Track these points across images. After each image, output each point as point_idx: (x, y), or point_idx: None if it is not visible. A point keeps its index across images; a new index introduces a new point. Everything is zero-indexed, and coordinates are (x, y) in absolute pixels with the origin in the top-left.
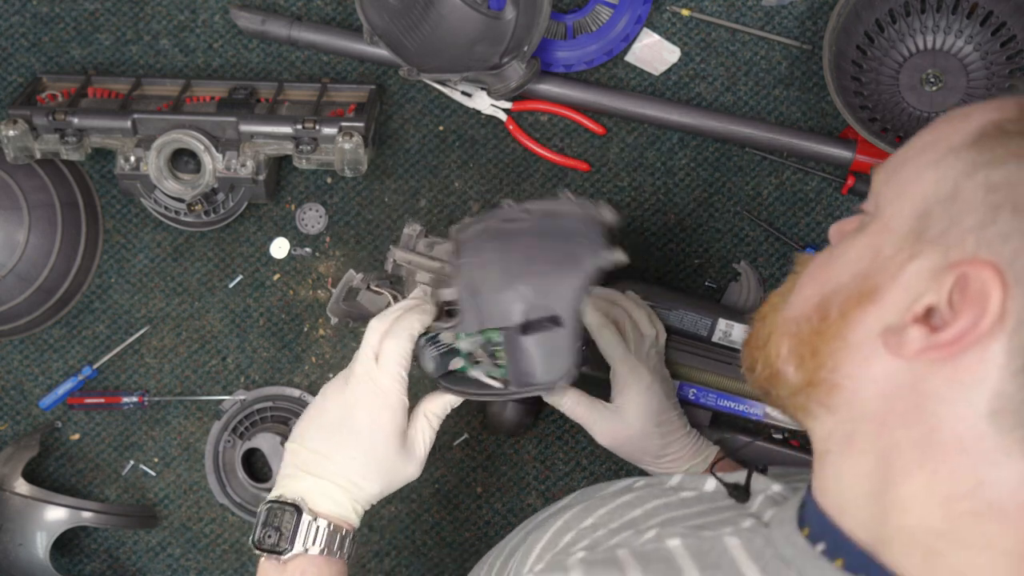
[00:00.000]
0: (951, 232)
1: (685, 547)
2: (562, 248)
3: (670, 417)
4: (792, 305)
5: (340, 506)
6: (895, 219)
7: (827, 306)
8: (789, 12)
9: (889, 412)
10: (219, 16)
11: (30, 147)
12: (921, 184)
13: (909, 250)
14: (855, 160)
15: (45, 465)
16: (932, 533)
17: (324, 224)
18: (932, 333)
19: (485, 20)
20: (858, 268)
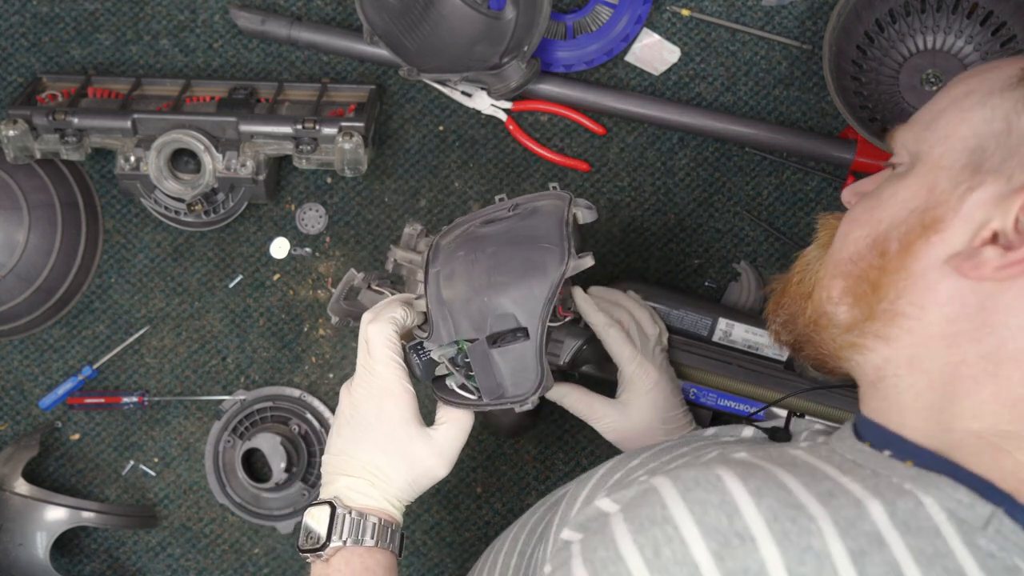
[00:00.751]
0: (1010, 161)
1: (752, 456)
2: (528, 256)
3: (676, 415)
4: (840, 248)
5: (371, 498)
6: (946, 157)
7: (885, 242)
8: (789, 12)
9: (956, 332)
10: (219, 16)
11: (30, 147)
12: (969, 124)
13: (968, 182)
14: (855, 160)
15: (45, 465)
16: (1001, 434)
17: (324, 224)
18: (1007, 252)
19: (485, 20)
20: (915, 204)
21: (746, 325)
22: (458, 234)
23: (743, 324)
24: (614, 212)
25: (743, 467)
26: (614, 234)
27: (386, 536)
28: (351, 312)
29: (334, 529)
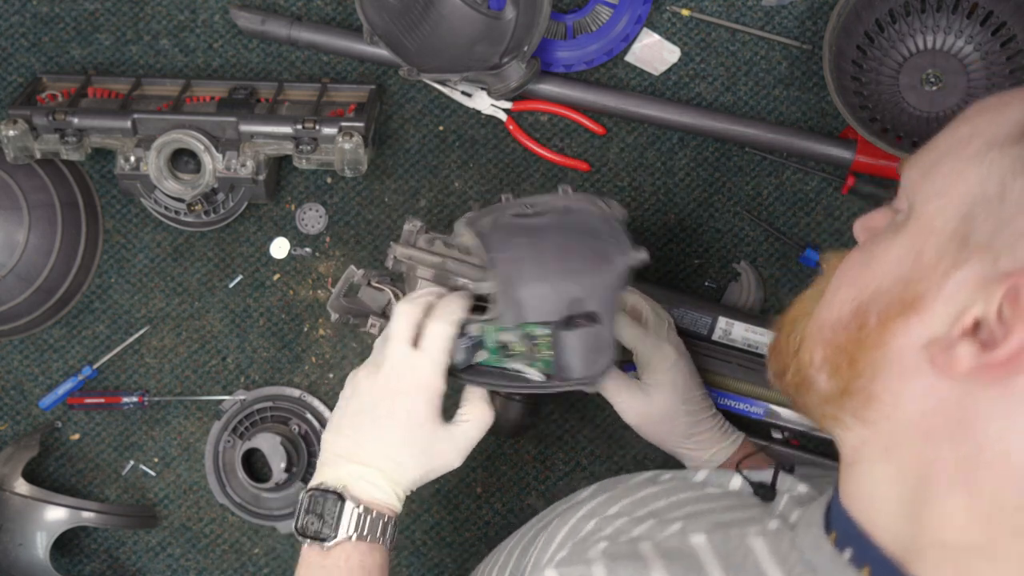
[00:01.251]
0: (1000, 237)
1: (710, 545)
2: (592, 246)
3: (696, 396)
4: (826, 309)
5: (382, 491)
6: (937, 219)
7: (865, 312)
8: (789, 12)
9: (932, 428)
10: (219, 16)
11: (30, 147)
12: (963, 182)
13: (953, 256)
14: (855, 160)
15: (45, 465)
16: (969, 548)
17: (324, 224)
18: (983, 351)
19: (485, 20)
20: (899, 272)
21: (746, 324)
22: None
23: (743, 323)
24: None
25: (686, 563)
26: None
27: (386, 532)
28: (351, 309)
29: (342, 524)
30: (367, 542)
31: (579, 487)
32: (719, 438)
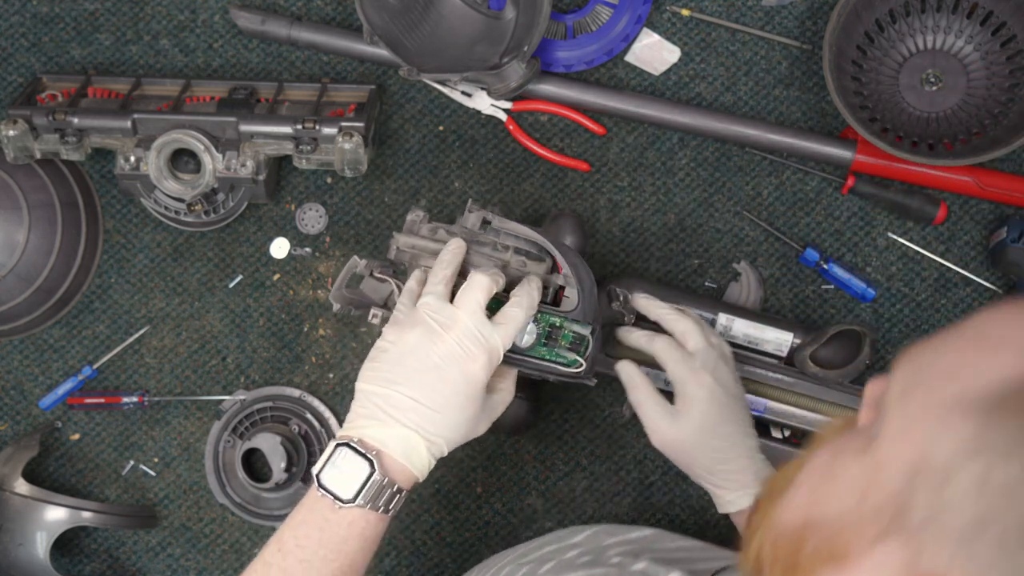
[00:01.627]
0: (929, 528)
1: None
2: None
3: (731, 432)
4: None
5: (419, 459)
6: (887, 467)
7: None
8: (789, 12)
9: None
10: (219, 16)
11: (30, 147)
12: (921, 433)
13: (886, 524)
14: (855, 160)
15: (45, 465)
16: None
17: (324, 224)
18: None
19: (485, 20)
20: (845, 505)
21: (746, 320)
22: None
23: (744, 319)
24: (614, 212)
25: None
26: (614, 234)
27: (398, 506)
28: (353, 300)
29: (362, 492)
30: (377, 513)
31: (579, 487)
32: (748, 481)
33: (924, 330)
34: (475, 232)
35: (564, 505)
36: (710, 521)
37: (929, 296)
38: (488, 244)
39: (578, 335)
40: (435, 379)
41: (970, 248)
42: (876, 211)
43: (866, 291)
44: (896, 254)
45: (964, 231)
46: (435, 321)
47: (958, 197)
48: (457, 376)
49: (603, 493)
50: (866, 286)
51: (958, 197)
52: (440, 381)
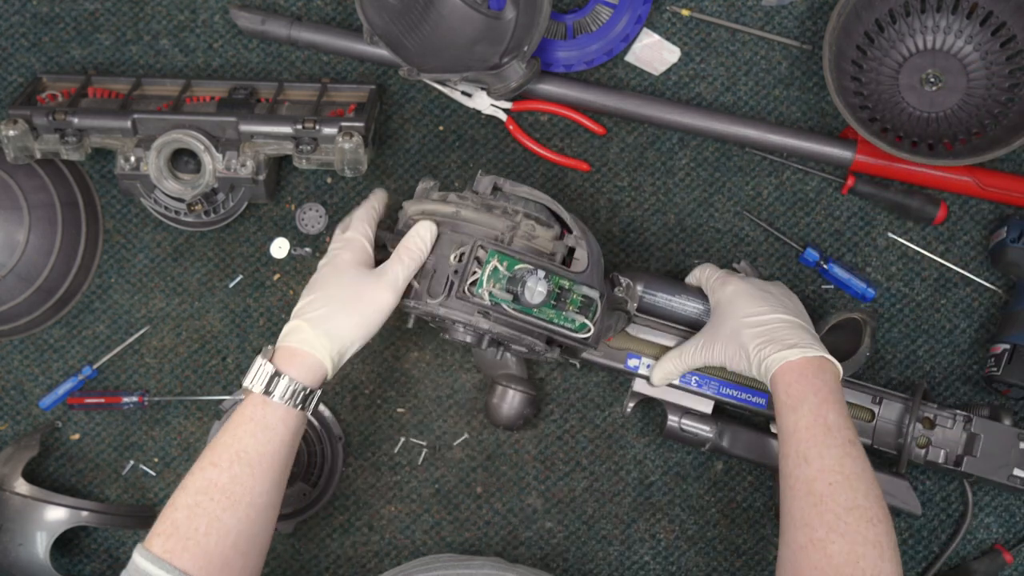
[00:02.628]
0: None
1: None
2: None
3: (769, 308)
4: None
5: (306, 342)
6: None
7: None
8: (789, 12)
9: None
10: (219, 16)
11: (30, 147)
12: None
13: None
14: (855, 160)
15: (45, 465)
16: None
17: (324, 224)
18: None
19: (485, 20)
20: None
21: None
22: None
23: None
24: (614, 212)
25: None
26: (614, 234)
27: (296, 397)
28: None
29: (248, 374)
30: (272, 399)
31: (579, 487)
32: (796, 342)
33: (924, 330)
34: (486, 197)
35: (564, 505)
36: (710, 521)
37: (929, 296)
38: (499, 208)
39: (587, 298)
40: (316, 279)
41: (970, 248)
42: (876, 211)
43: (866, 291)
44: (896, 254)
45: (964, 231)
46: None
47: (958, 197)
48: (325, 268)
49: (603, 493)
50: (866, 286)
51: (958, 197)
52: (318, 276)
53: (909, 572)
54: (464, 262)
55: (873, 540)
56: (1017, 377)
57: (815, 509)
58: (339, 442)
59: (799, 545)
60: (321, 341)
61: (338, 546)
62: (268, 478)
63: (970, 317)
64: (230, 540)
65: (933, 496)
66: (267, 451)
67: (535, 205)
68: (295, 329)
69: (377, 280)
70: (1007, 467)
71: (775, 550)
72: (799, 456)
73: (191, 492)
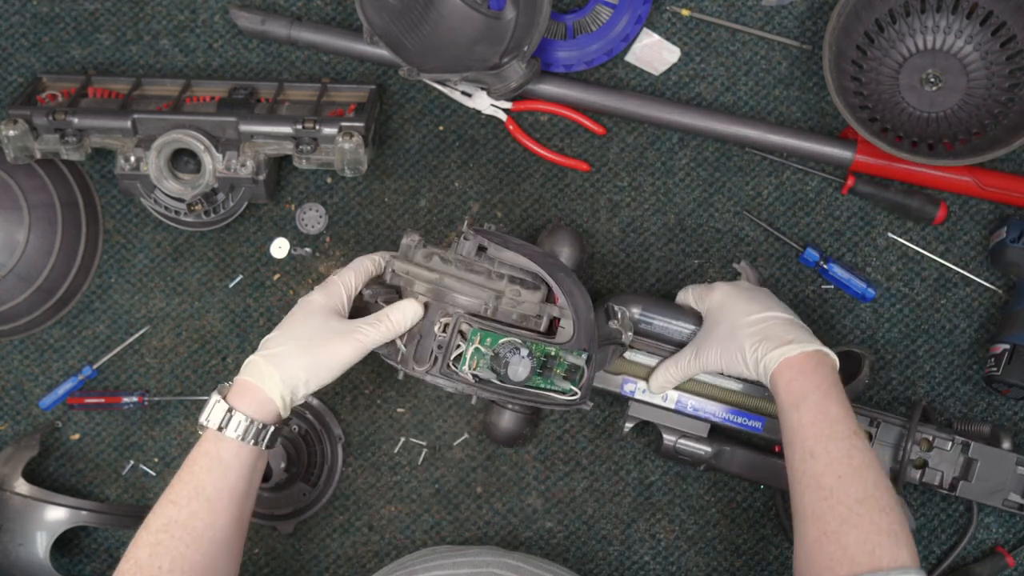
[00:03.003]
0: None
1: None
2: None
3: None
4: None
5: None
6: None
7: None
8: (789, 12)
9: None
10: (219, 16)
11: (30, 147)
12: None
13: None
14: (855, 160)
15: (45, 465)
16: None
17: (324, 224)
18: None
19: (485, 20)
20: None
21: None
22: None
23: None
24: (614, 212)
25: None
26: (614, 234)
27: (248, 433)
28: None
29: (205, 412)
30: (223, 435)
31: (579, 487)
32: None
33: (924, 330)
34: (470, 260)
35: (564, 505)
36: (710, 521)
37: (929, 296)
38: (483, 273)
39: (573, 365)
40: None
41: (970, 248)
42: (876, 211)
43: (866, 291)
44: (896, 254)
45: (964, 231)
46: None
47: (958, 197)
48: (297, 308)
49: (603, 493)
50: (866, 286)
51: (958, 197)
52: (289, 316)
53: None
54: (448, 335)
55: (887, 529)
56: (1017, 377)
57: (826, 503)
58: (339, 442)
59: (813, 539)
60: (273, 379)
61: (338, 546)
62: (228, 513)
63: (970, 317)
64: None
65: (933, 496)
66: (224, 486)
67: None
68: (251, 363)
69: (345, 333)
70: (1003, 492)
71: (775, 550)
72: (805, 452)
73: (152, 530)
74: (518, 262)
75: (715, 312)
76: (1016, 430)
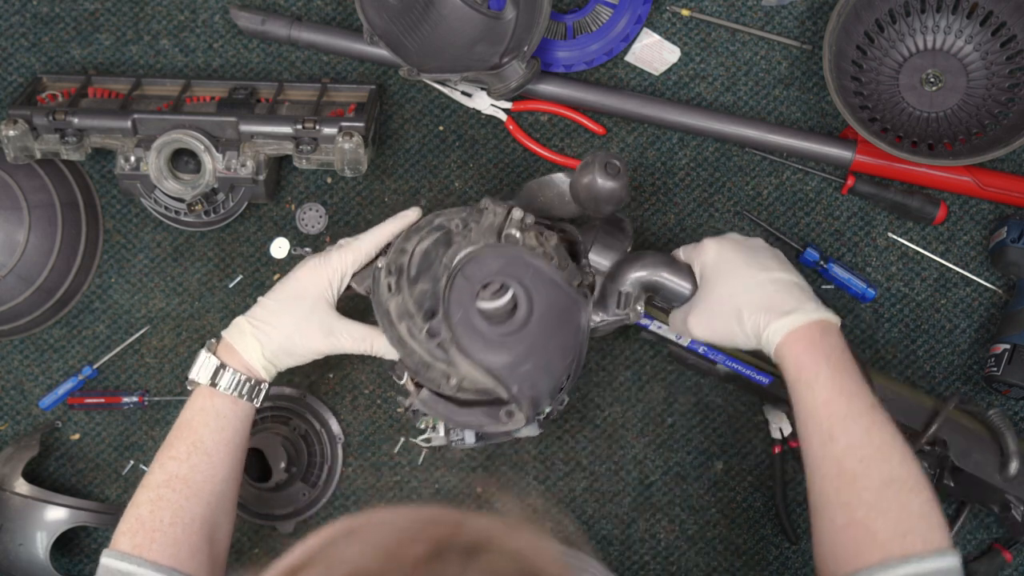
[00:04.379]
0: None
1: None
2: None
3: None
4: None
5: (245, 345)
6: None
7: None
8: (789, 12)
9: None
10: (219, 16)
11: (30, 147)
12: None
13: None
14: (855, 160)
15: (45, 465)
16: None
17: (324, 224)
18: None
19: (485, 20)
20: None
21: None
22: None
23: None
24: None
25: None
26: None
27: (241, 387)
28: None
29: (195, 369)
30: (216, 390)
31: (579, 487)
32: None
33: (924, 330)
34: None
35: (564, 505)
36: (710, 521)
37: (929, 296)
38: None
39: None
40: (278, 286)
41: (970, 248)
42: (876, 211)
43: (866, 291)
44: (896, 254)
45: (964, 231)
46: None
47: (958, 197)
48: (290, 282)
49: (603, 493)
50: (866, 286)
51: (958, 197)
52: (281, 286)
53: None
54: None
55: (918, 511)
56: (1017, 377)
57: (851, 488)
58: (339, 442)
59: (838, 526)
60: (256, 351)
61: None
62: (226, 464)
63: (970, 317)
64: (195, 527)
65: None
66: (222, 439)
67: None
68: (237, 326)
69: (326, 330)
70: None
71: (775, 550)
72: (824, 434)
73: (152, 487)
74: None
75: (708, 274)
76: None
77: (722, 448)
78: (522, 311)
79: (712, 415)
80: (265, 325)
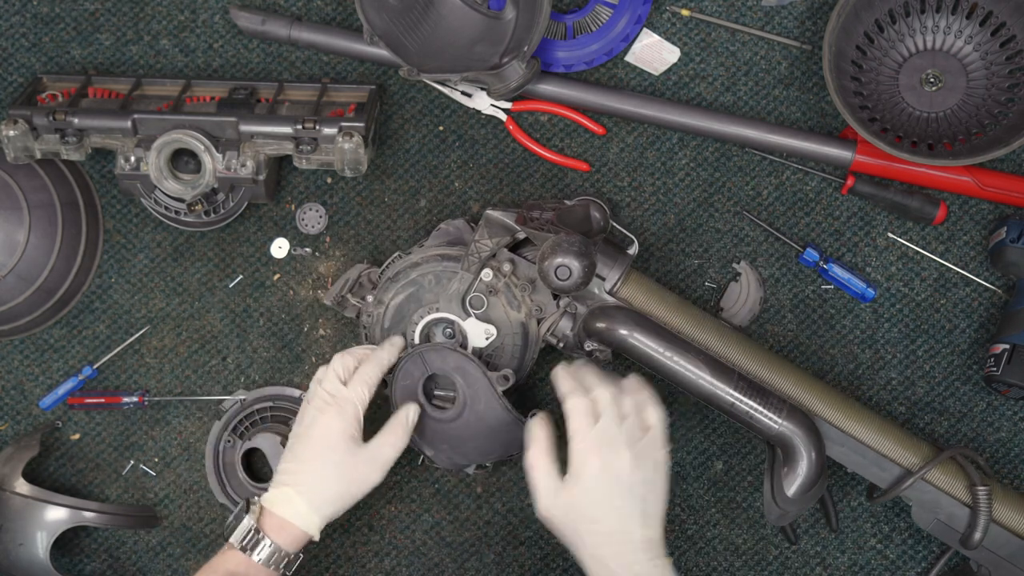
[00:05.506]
0: None
1: None
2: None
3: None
4: None
5: (297, 512)
6: None
7: None
8: (789, 12)
9: None
10: (219, 16)
11: (30, 147)
12: None
13: None
14: (855, 160)
15: (45, 465)
16: None
17: (324, 224)
18: None
19: (485, 20)
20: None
21: None
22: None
23: None
24: (614, 212)
25: None
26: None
27: (280, 563)
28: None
29: (236, 533)
30: (252, 560)
31: None
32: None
33: (924, 330)
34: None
35: None
36: (710, 521)
37: (929, 296)
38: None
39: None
40: (305, 441)
41: (970, 248)
42: (876, 211)
43: (866, 291)
44: (896, 254)
45: (964, 231)
46: (307, 398)
47: (958, 197)
48: (316, 432)
49: None
50: (866, 286)
51: (958, 197)
52: (308, 439)
53: (910, 571)
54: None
55: None
56: (1017, 377)
57: None
58: None
59: None
60: (311, 516)
61: (338, 546)
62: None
63: (970, 317)
64: None
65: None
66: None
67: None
68: (285, 499)
69: (369, 460)
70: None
71: (775, 550)
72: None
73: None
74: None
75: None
76: (1016, 430)
77: (722, 448)
78: (453, 411)
79: (712, 415)
80: (312, 485)
